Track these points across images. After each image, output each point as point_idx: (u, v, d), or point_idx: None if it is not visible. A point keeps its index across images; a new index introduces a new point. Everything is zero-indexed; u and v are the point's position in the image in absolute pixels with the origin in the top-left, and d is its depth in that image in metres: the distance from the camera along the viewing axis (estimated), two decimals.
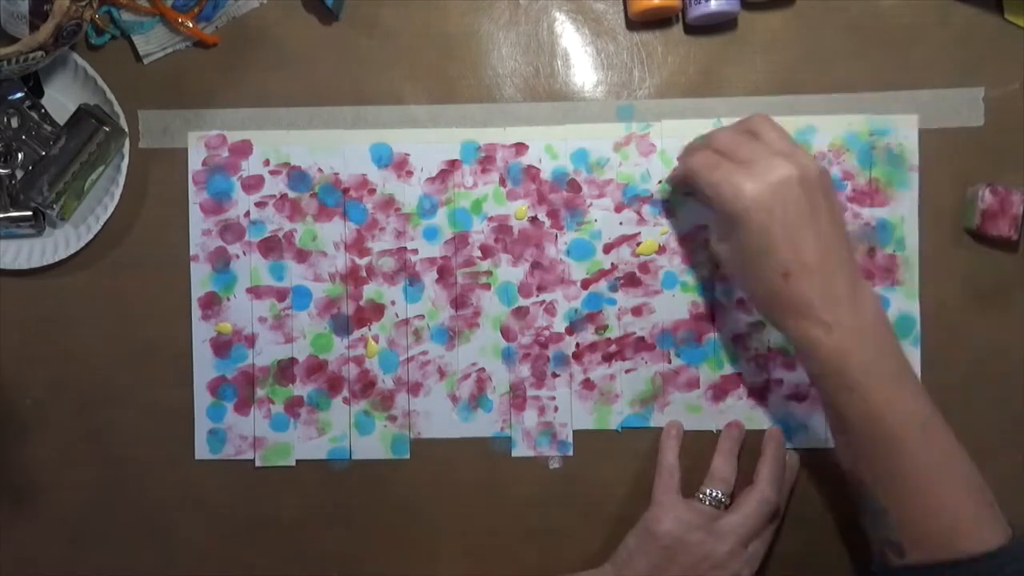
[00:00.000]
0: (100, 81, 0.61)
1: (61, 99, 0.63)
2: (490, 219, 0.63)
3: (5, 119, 0.62)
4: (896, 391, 0.51)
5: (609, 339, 0.62)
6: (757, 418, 0.62)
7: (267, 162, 0.63)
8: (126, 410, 0.63)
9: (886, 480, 0.51)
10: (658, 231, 0.63)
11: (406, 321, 0.63)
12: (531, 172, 0.63)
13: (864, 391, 0.50)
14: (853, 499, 0.55)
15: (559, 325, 0.63)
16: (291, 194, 0.63)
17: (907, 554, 0.51)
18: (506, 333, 0.63)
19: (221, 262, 0.63)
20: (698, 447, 0.62)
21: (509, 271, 0.63)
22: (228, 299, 0.63)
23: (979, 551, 0.49)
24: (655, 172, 0.63)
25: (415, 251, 0.63)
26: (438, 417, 0.63)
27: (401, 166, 0.63)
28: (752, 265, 0.52)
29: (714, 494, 0.59)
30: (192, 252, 0.63)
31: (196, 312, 0.63)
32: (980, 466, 0.62)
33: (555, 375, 0.63)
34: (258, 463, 0.63)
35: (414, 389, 0.63)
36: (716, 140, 0.54)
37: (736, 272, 0.55)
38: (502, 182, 0.63)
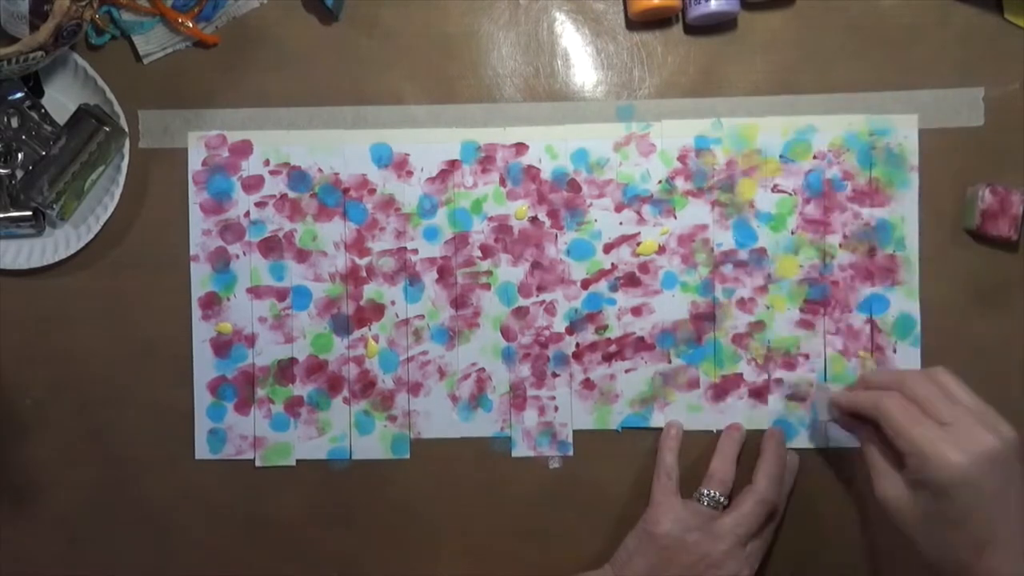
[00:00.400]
0: (100, 81, 0.61)
1: (61, 99, 0.63)
2: (490, 219, 0.63)
3: (5, 119, 0.62)
4: None
5: (609, 339, 0.62)
6: (757, 418, 0.62)
7: (267, 162, 0.63)
8: (126, 410, 0.63)
9: None
10: (658, 231, 0.63)
11: (406, 321, 0.63)
12: (531, 172, 0.63)
13: None
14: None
15: (559, 325, 0.63)
16: (291, 194, 0.63)
17: None
18: (506, 333, 0.63)
19: (221, 262, 0.63)
20: (698, 447, 0.62)
21: (509, 271, 0.63)
22: (228, 299, 0.63)
23: None
24: (655, 172, 0.63)
25: (415, 251, 0.63)
26: (438, 417, 0.63)
27: (401, 166, 0.63)
28: (944, 534, 0.49)
29: (712, 495, 0.59)
30: (192, 252, 0.63)
31: (196, 312, 0.63)
32: None
33: (555, 375, 0.63)
34: (258, 463, 0.63)
35: (414, 389, 0.63)
36: (910, 388, 0.51)
37: (917, 534, 0.51)
38: (502, 182, 0.63)
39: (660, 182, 0.63)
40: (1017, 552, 0.48)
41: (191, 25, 0.62)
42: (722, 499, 0.59)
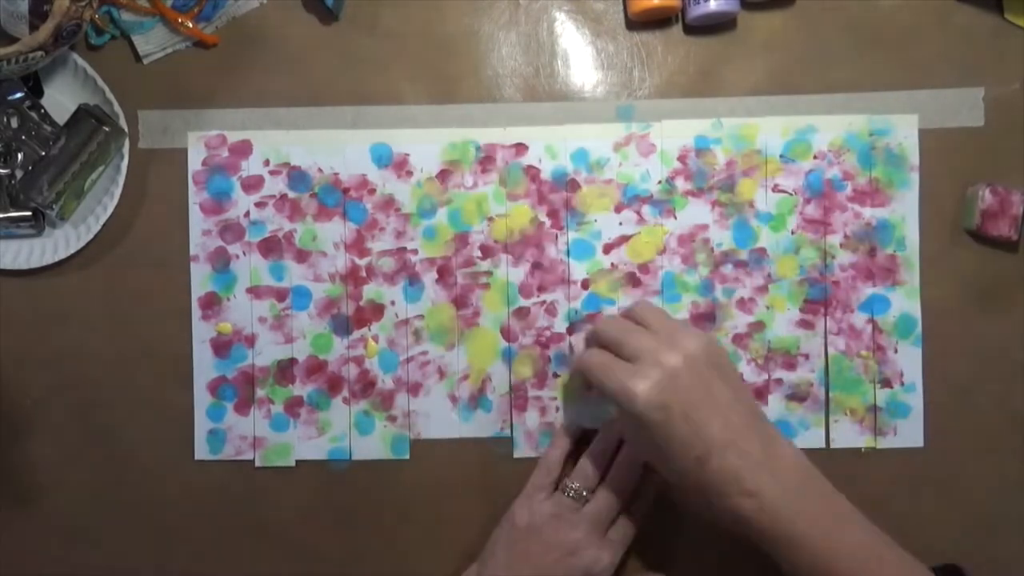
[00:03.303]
0: (100, 81, 0.61)
1: (61, 99, 0.63)
2: (490, 219, 0.63)
3: (5, 119, 0.62)
4: (839, 532, 0.50)
5: None
6: None
7: (267, 162, 0.63)
8: (126, 410, 0.63)
9: None
10: (658, 231, 0.63)
11: (406, 321, 0.63)
12: (531, 172, 0.63)
13: (808, 543, 0.49)
14: None
15: (559, 325, 0.63)
16: (291, 194, 0.63)
17: None
18: (506, 333, 0.63)
19: (221, 262, 0.63)
20: None
21: (509, 271, 0.63)
22: (228, 299, 0.63)
23: None
24: (655, 172, 0.63)
25: (415, 251, 0.63)
26: (438, 417, 0.63)
27: (401, 166, 0.63)
28: (666, 458, 0.51)
29: (574, 485, 0.59)
30: (192, 252, 0.63)
31: (196, 312, 0.63)
32: (979, 465, 0.62)
33: (556, 375, 0.63)
34: (258, 463, 0.63)
35: (414, 389, 0.63)
36: (603, 333, 0.53)
37: (656, 463, 0.54)
38: (502, 182, 0.63)
39: (660, 182, 0.63)
40: (733, 449, 0.49)
41: (191, 25, 0.62)
42: (584, 492, 0.58)
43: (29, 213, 0.62)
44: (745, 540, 0.51)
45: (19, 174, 0.62)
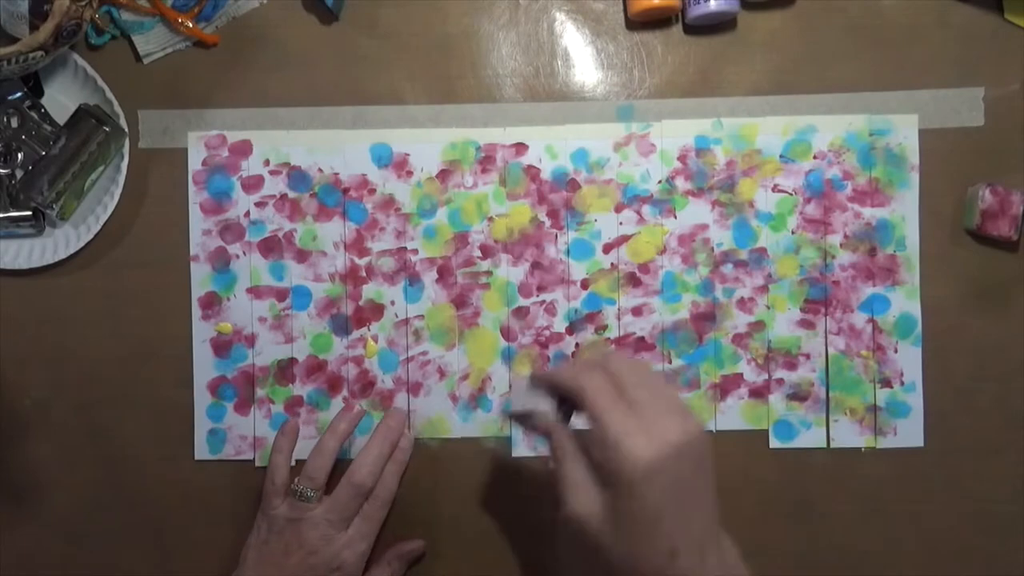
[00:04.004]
0: (100, 81, 0.61)
1: (61, 99, 0.63)
2: (490, 219, 0.63)
3: (5, 119, 0.62)
4: None
5: (609, 339, 0.62)
6: (758, 418, 0.62)
7: (267, 162, 0.63)
8: (126, 410, 0.63)
9: None
10: (658, 231, 0.63)
11: (406, 321, 0.63)
12: (531, 172, 0.63)
13: None
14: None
15: (559, 325, 0.63)
16: (291, 194, 0.63)
17: None
18: (506, 333, 0.63)
19: (221, 262, 0.63)
20: None
21: (509, 271, 0.63)
22: (228, 299, 0.63)
23: None
24: (655, 172, 0.63)
25: (415, 251, 0.63)
26: (438, 417, 0.63)
27: (401, 166, 0.63)
28: (635, 539, 0.44)
29: (300, 488, 0.58)
30: (192, 252, 0.63)
31: (196, 312, 0.63)
32: (979, 465, 0.62)
33: None
34: (258, 463, 0.63)
35: (414, 389, 0.63)
36: (612, 364, 0.47)
37: (610, 544, 0.45)
38: (502, 182, 0.63)
39: (660, 182, 0.63)
40: (703, 555, 0.45)
41: (191, 25, 0.62)
42: (311, 493, 0.58)
43: (29, 213, 0.62)
44: None
45: (19, 174, 0.62)
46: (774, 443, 0.62)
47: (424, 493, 0.63)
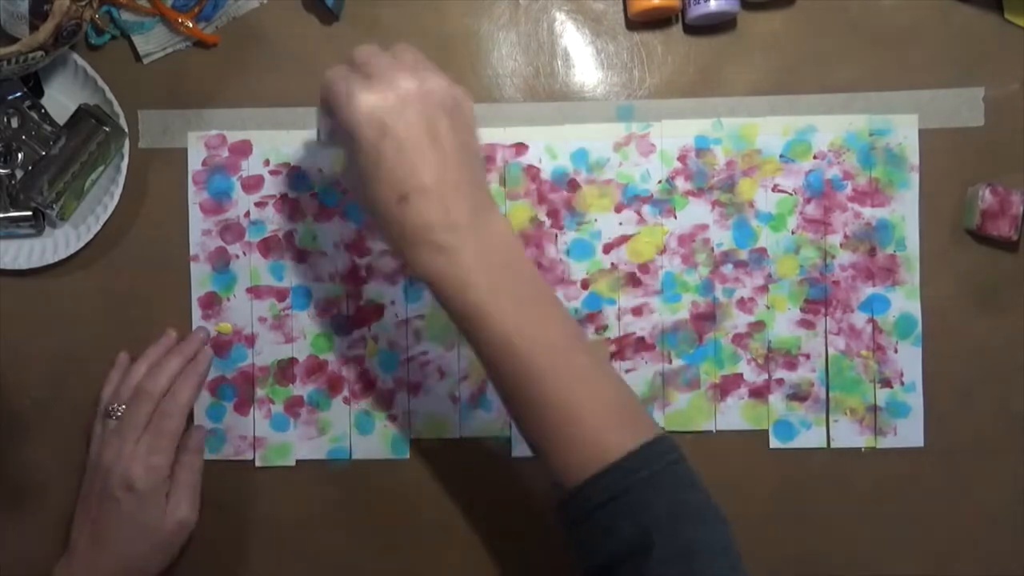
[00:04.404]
0: (100, 81, 0.61)
1: (61, 99, 0.63)
2: None
3: (5, 119, 0.62)
4: (526, 317, 0.47)
5: (609, 339, 0.62)
6: (758, 418, 0.62)
7: (267, 162, 0.63)
8: None
9: (528, 412, 0.48)
10: (658, 231, 0.63)
11: (406, 321, 0.63)
12: (531, 172, 0.63)
13: (491, 317, 0.46)
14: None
15: None
16: (291, 194, 0.63)
17: (565, 489, 0.47)
18: None
19: (221, 262, 0.63)
20: (698, 447, 0.62)
21: None
22: (228, 299, 0.63)
23: (611, 460, 0.46)
24: (655, 172, 0.63)
25: None
26: (438, 417, 0.63)
27: None
28: (368, 186, 0.47)
29: (109, 407, 0.60)
30: (192, 252, 0.63)
31: (196, 312, 0.63)
32: (979, 465, 0.62)
33: None
34: (258, 463, 0.63)
35: (414, 389, 0.63)
36: (355, 53, 0.50)
37: (358, 196, 0.50)
38: (502, 182, 0.63)
39: (660, 182, 0.63)
40: (440, 199, 0.46)
41: (191, 25, 0.62)
42: (118, 412, 0.59)
43: (29, 213, 0.62)
44: (442, 305, 0.48)
45: (19, 174, 0.62)
46: (774, 443, 0.62)
47: (424, 493, 0.63)
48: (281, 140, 0.63)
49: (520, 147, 0.63)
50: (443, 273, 0.47)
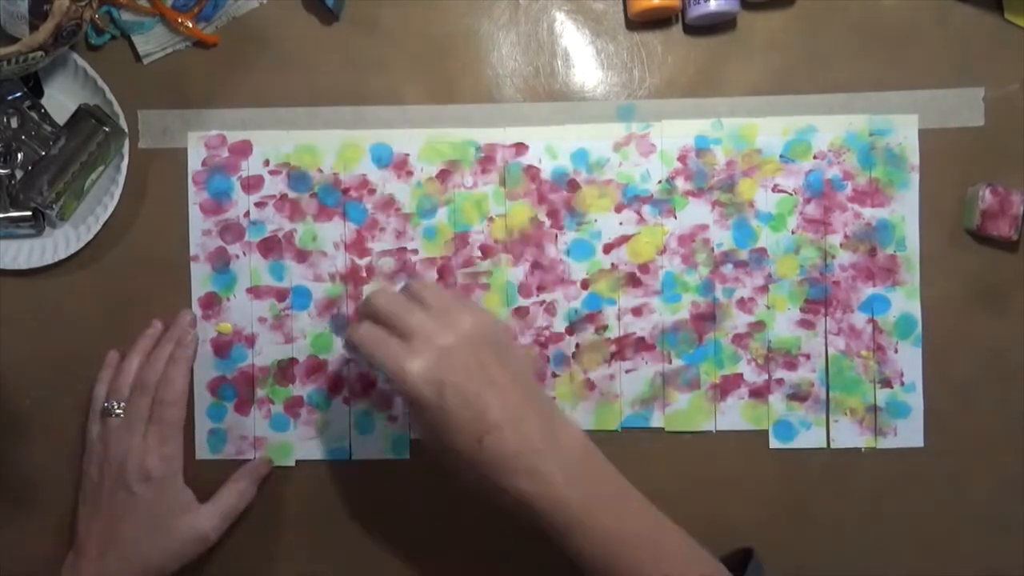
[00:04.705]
0: (100, 81, 0.61)
1: (61, 99, 0.63)
2: (490, 219, 0.63)
3: (5, 119, 0.62)
4: (623, 517, 0.50)
5: (609, 339, 0.62)
6: (758, 418, 0.62)
7: (267, 162, 0.63)
8: None
9: None
10: (658, 231, 0.63)
11: None
12: (531, 172, 0.63)
13: (590, 527, 0.49)
14: None
15: (559, 325, 0.63)
16: (291, 194, 0.63)
17: None
18: None
19: (221, 262, 0.63)
20: (698, 447, 0.62)
21: (509, 271, 0.63)
22: (228, 299, 0.63)
23: None
24: (655, 172, 0.63)
25: (415, 251, 0.63)
26: None
27: (401, 166, 0.63)
28: (444, 439, 0.49)
29: (107, 405, 0.60)
30: (192, 252, 0.63)
31: (196, 312, 0.63)
32: (979, 465, 0.62)
33: (555, 375, 0.63)
34: None
35: None
36: (377, 308, 0.51)
37: (437, 447, 0.51)
38: (502, 182, 0.63)
39: (660, 182, 0.63)
40: (513, 429, 0.49)
41: (191, 25, 0.62)
42: (117, 408, 0.59)
43: (29, 213, 0.62)
44: (531, 528, 0.50)
45: (19, 174, 0.62)
46: (774, 443, 0.62)
47: (424, 493, 0.63)
48: (281, 140, 0.63)
49: (520, 147, 0.63)
50: (536, 495, 0.49)
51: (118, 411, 0.59)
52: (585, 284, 0.63)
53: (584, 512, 0.49)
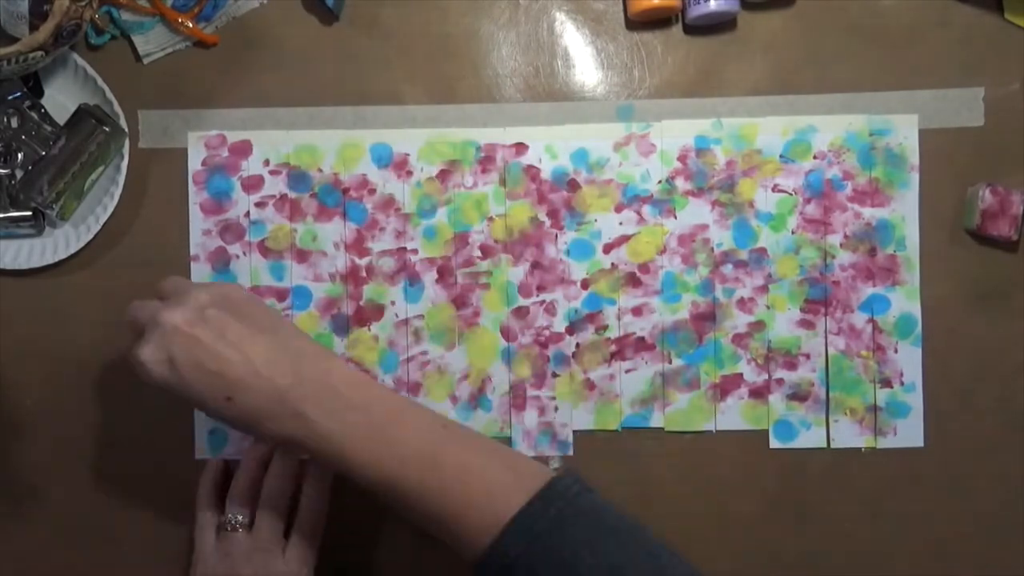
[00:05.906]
0: (100, 81, 0.61)
1: (61, 99, 0.63)
2: (490, 219, 0.63)
3: (5, 119, 0.62)
4: (384, 444, 0.49)
5: (609, 339, 0.62)
6: (758, 418, 0.62)
7: (267, 162, 0.63)
8: (126, 410, 0.63)
9: (421, 519, 0.50)
10: (658, 231, 0.63)
11: (406, 321, 0.63)
12: (531, 172, 0.63)
13: (353, 459, 0.49)
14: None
15: (559, 325, 0.63)
16: (291, 194, 0.63)
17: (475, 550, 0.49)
18: (506, 333, 0.63)
19: (221, 262, 0.63)
20: (698, 448, 0.62)
21: (509, 271, 0.63)
22: None
23: (511, 516, 0.47)
24: (655, 172, 0.63)
25: (415, 251, 0.63)
26: None
27: (401, 166, 0.63)
28: (201, 408, 0.50)
29: (229, 518, 0.56)
30: (192, 252, 0.63)
31: None
32: (979, 465, 0.62)
33: (555, 375, 0.63)
34: None
35: (414, 389, 0.63)
36: (128, 317, 0.53)
37: (211, 415, 0.51)
38: (502, 182, 0.63)
39: (660, 182, 0.63)
40: (263, 379, 0.49)
41: (191, 25, 0.62)
42: (240, 518, 0.56)
43: (29, 213, 0.62)
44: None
45: (19, 174, 0.62)
46: (774, 443, 0.62)
47: None
48: (281, 140, 0.63)
49: (520, 147, 0.63)
50: (298, 435, 0.49)
51: (236, 525, 0.56)
52: (585, 284, 0.63)
53: (349, 441, 0.49)
